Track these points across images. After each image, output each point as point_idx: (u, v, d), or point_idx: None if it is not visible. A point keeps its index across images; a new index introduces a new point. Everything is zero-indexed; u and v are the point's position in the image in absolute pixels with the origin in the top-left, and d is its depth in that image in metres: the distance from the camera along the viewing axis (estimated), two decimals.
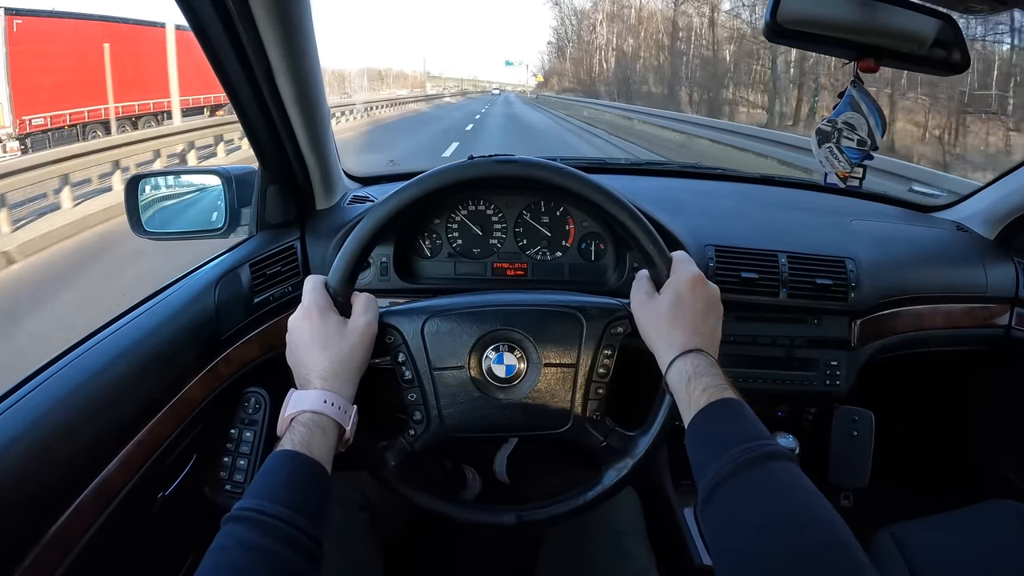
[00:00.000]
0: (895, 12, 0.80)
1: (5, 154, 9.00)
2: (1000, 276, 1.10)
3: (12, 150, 9.24)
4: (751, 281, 0.96)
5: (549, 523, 0.69)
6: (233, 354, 0.85)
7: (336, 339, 0.62)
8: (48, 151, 6.80)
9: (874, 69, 0.83)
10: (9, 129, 9.42)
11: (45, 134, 9.90)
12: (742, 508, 0.47)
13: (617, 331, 0.67)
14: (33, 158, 6.10)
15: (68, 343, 0.70)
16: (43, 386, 0.62)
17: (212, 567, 0.46)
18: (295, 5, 0.74)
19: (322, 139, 0.94)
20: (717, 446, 0.51)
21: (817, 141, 0.92)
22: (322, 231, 0.99)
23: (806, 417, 1.11)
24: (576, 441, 0.68)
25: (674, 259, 0.66)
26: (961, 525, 0.92)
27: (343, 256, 0.65)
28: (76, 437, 0.61)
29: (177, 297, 0.81)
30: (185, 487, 0.81)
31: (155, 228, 0.96)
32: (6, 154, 8.98)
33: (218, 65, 0.77)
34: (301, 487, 0.52)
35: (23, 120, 9.56)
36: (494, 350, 0.67)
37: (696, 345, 0.60)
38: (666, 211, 0.97)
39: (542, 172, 0.67)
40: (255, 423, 0.88)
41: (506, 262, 1.00)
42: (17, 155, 8.46)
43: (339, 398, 0.59)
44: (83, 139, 9.69)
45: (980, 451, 1.31)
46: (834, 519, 0.45)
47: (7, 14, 9.06)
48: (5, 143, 9.36)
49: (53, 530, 0.57)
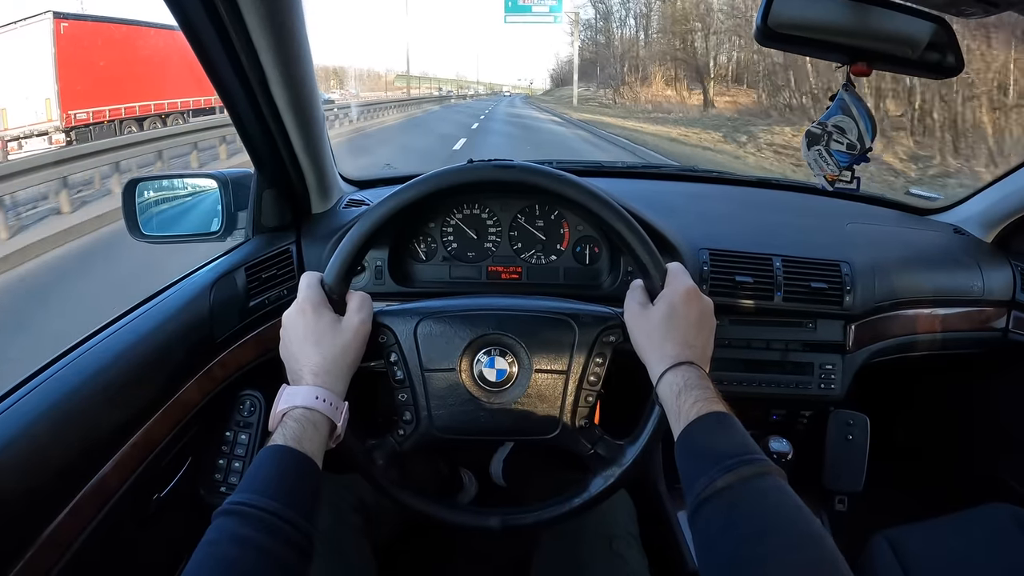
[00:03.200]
0: (888, 15, 0.79)
1: (51, 145, 9.91)
2: (997, 279, 1.10)
3: (58, 142, 10.16)
4: (745, 285, 0.96)
5: (535, 528, 0.69)
6: (228, 357, 0.85)
7: (330, 336, 0.62)
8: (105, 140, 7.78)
9: (867, 73, 0.83)
10: (57, 122, 10.36)
11: (87, 128, 10.79)
12: (729, 523, 0.48)
13: (609, 339, 0.67)
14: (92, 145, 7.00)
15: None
16: (39, 388, 0.63)
17: (203, 560, 0.46)
18: (287, 12, 0.74)
19: (317, 143, 0.94)
20: (705, 459, 0.52)
21: (807, 143, 0.92)
22: (318, 234, 1.00)
23: (801, 421, 1.11)
24: (564, 447, 0.68)
25: (669, 271, 0.66)
26: (957, 529, 0.92)
27: (340, 254, 0.66)
28: (72, 439, 0.62)
29: (173, 300, 0.82)
30: (180, 488, 0.81)
31: (152, 232, 0.96)
32: (52, 145, 9.89)
33: (212, 71, 0.77)
34: (292, 481, 0.52)
35: (69, 114, 10.50)
36: (486, 354, 0.68)
37: (687, 358, 0.60)
38: (661, 214, 0.98)
39: (541, 179, 0.68)
40: (250, 425, 0.88)
41: (501, 266, 1.00)
42: (63, 146, 9.37)
43: (331, 394, 0.59)
44: (119, 133, 10.68)
45: (976, 455, 1.31)
46: (822, 536, 0.45)
47: (55, 17, 10.07)
48: (51, 135, 10.25)
49: (49, 531, 0.57)
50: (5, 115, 10.40)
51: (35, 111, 10.37)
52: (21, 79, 10.15)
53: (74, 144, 9.23)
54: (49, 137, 10.25)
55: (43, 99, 10.32)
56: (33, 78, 10.16)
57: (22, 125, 10.42)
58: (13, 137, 10.24)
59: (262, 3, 0.69)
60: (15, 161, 6.42)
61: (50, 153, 7.56)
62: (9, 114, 10.37)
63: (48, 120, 10.35)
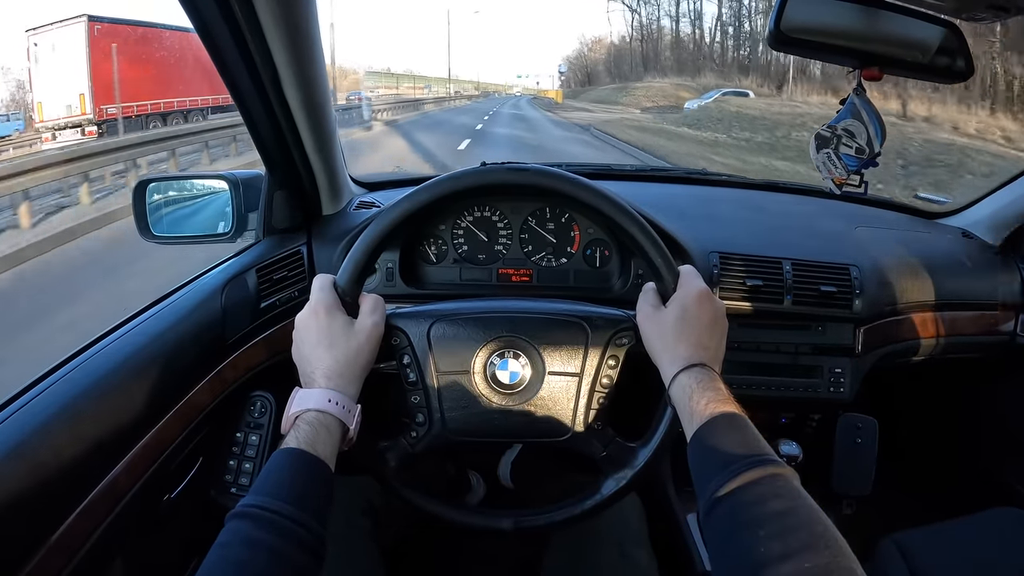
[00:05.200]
0: (899, 20, 0.79)
1: (84, 136, 10.96)
2: (1006, 282, 1.10)
3: (91, 133, 11.28)
4: (756, 288, 0.96)
5: (547, 530, 0.69)
6: (239, 358, 0.85)
7: (343, 338, 0.62)
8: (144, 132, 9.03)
9: (878, 77, 0.83)
10: (90, 116, 11.61)
11: (116, 122, 11.85)
12: (743, 524, 0.48)
13: (622, 342, 0.68)
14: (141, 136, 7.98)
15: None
16: (51, 389, 0.63)
17: (215, 562, 0.46)
18: (302, 13, 0.74)
19: (328, 145, 0.94)
20: (718, 461, 0.52)
21: (815, 146, 0.92)
22: (328, 236, 1.00)
23: (810, 424, 1.11)
24: (577, 450, 0.68)
25: (681, 273, 0.66)
26: (965, 533, 0.92)
27: (353, 256, 0.66)
28: (84, 440, 0.62)
29: (184, 301, 0.82)
30: (191, 489, 0.81)
31: (162, 232, 0.97)
32: (85, 136, 10.94)
33: (225, 72, 0.77)
34: (305, 484, 0.53)
35: (101, 109, 11.79)
36: (499, 356, 0.68)
37: (700, 359, 0.60)
38: (671, 218, 0.98)
39: (555, 182, 0.68)
40: (261, 427, 0.88)
41: (511, 268, 1.00)
42: (95, 138, 10.43)
43: (344, 397, 0.59)
44: (145, 128, 11.62)
45: (984, 458, 1.31)
46: (836, 537, 0.45)
47: (89, 20, 11.30)
48: (84, 127, 11.38)
49: (60, 532, 0.57)
50: (41, 108, 11.60)
51: (68, 105, 11.47)
52: (57, 76, 11.21)
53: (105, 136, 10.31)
54: (82, 129, 11.33)
55: (77, 94, 11.39)
56: (68, 75, 11.22)
57: (56, 118, 11.51)
58: (48, 128, 11.33)
59: (277, 3, 0.70)
60: (94, 144, 7.38)
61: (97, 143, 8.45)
62: (44, 107, 11.52)
63: (82, 113, 11.53)
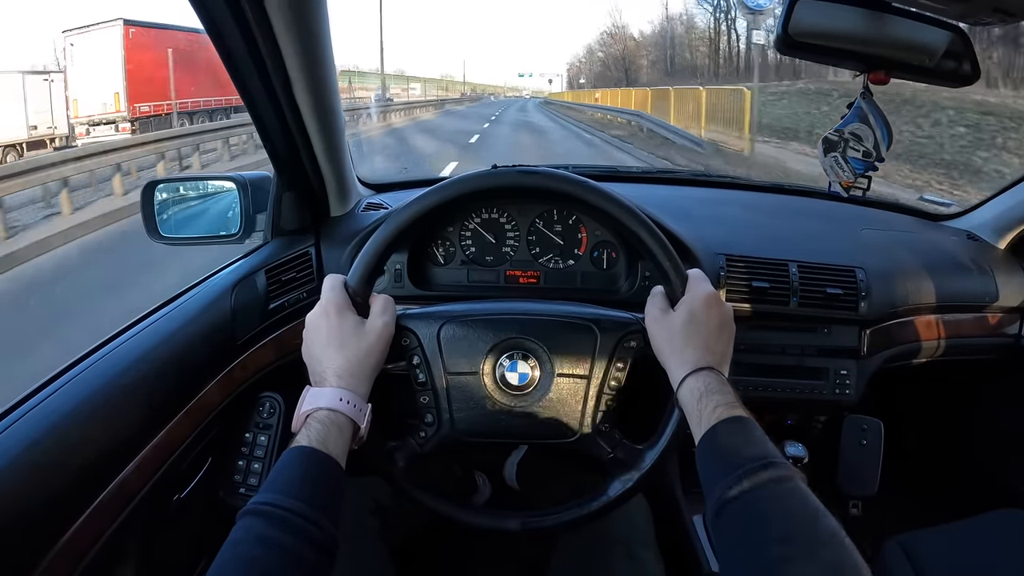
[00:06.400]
0: (906, 24, 0.80)
1: (119, 133, 11.68)
2: (1010, 285, 1.10)
3: (124, 129, 12.09)
4: (762, 290, 0.96)
5: (554, 531, 0.70)
6: (249, 359, 0.86)
7: (353, 338, 0.62)
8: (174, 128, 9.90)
9: (885, 81, 0.84)
10: (124, 113, 12.41)
11: (148, 119, 12.68)
12: (751, 526, 0.48)
13: (630, 345, 0.68)
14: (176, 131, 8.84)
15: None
16: (62, 390, 0.63)
17: (227, 560, 0.47)
18: (314, 16, 0.75)
19: (337, 147, 0.95)
20: (726, 464, 0.52)
21: (823, 149, 0.93)
22: (337, 237, 1.00)
23: (815, 425, 1.11)
24: (584, 451, 0.68)
25: (690, 277, 0.67)
26: (969, 534, 0.92)
27: (364, 257, 0.66)
28: (95, 440, 0.62)
29: (194, 302, 0.82)
30: (200, 489, 0.82)
31: (171, 233, 0.97)
32: (120, 133, 11.68)
33: (236, 74, 0.78)
34: (316, 482, 0.53)
35: (135, 107, 12.57)
36: (508, 358, 0.68)
37: (708, 363, 0.60)
38: (677, 219, 0.98)
39: (564, 184, 0.68)
40: (269, 427, 0.89)
41: (519, 270, 1.01)
42: (128, 134, 11.26)
43: (355, 396, 0.60)
44: (173, 125, 12.38)
45: (989, 460, 1.31)
46: (844, 539, 0.45)
47: (125, 24, 12.22)
48: (118, 124, 12.28)
49: (72, 531, 0.58)
50: (76, 105, 12.32)
51: (103, 103, 12.32)
52: (94, 75, 12.07)
53: (138, 132, 11.03)
54: (116, 125, 12.26)
55: (112, 93, 12.21)
56: (104, 75, 12.06)
57: (90, 115, 12.33)
58: (83, 123, 12.17)
59: (290, 7, 0.70)
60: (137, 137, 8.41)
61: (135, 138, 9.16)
62: (80, 104, 12.28)
63: (117, 111, 12.37)
